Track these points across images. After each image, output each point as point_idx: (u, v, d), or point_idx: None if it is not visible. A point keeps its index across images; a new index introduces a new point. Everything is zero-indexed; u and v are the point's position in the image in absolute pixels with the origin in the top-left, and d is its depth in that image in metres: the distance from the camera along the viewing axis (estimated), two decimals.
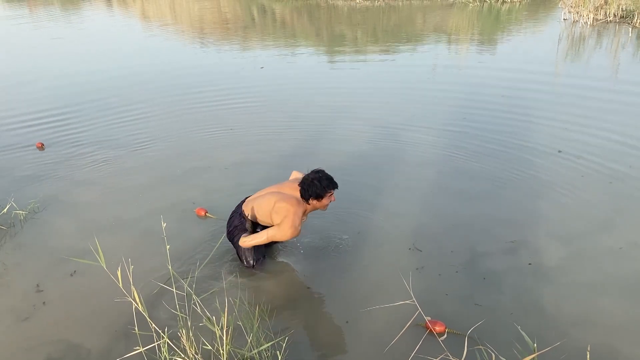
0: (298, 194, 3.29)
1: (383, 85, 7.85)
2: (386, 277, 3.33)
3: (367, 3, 15.52)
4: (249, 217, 3.44)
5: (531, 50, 10.00)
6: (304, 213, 3.32)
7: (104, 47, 11.79)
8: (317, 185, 3.21)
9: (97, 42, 12.49)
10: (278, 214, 3.25)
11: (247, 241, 3.36)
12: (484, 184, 4.54)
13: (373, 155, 5.26)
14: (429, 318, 2.79)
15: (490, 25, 12.93)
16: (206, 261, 3.34)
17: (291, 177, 3.59)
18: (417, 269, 3.39)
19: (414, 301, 2.44)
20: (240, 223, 3.46)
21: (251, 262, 3.46)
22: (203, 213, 4.15)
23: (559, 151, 5.11)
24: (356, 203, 4.24)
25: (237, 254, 3.52)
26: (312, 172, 3.29)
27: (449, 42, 11.31)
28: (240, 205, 3.53)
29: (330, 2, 15.95)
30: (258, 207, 3.38)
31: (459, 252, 3.57)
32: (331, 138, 5.75)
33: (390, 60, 9.80)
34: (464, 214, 4.07)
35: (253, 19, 15.41)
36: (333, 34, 12.78)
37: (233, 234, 3.47)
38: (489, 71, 8.46)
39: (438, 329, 2.80)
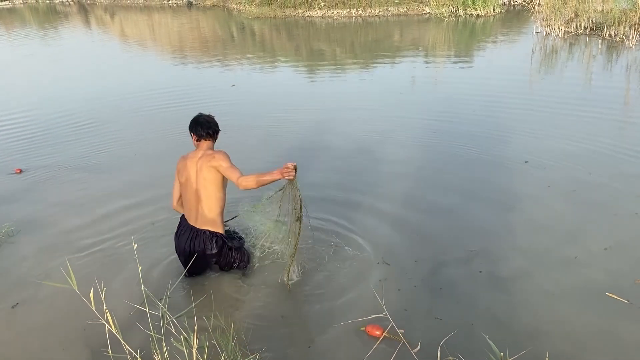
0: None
1: (359, 100, 7.95)
2: (355, 292, 3.38)
3: (345, 19, 15.71)
4: (211, 223, 3.46)
5: (506, 63, 10.21)
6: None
7: (82, 66, 11.75)
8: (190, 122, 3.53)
9: (73, 62, 12.45)
10: (218, 165, 3.35)
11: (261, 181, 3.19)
12: (452, 196, 4.63)
13: (344, 169, 5.32)
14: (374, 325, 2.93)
15: (466, 39, 13.17)
16: (179, 280, 3.34)
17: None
18: (380, 280, 3.44)
19: (386, 314, 2.48)
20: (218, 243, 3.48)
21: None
22: None
23: (526, 162, 5.22)
24: (330, 217, 4.29)
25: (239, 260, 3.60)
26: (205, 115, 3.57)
27: (426, 56, 11.49)
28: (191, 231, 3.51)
29: (308, 19, 16.12)
30: (207, 197, 3.41)
31: (422, 264, 3.65)
32: (303, 152, 5.80)
33: (368, 74, 9.93)
34: (433, 226, 4.15)
35: (232, 37, 15.49)
36: (312, 50, 12.91)
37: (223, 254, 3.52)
38: (464, 84, 8.61)
39: (377, 332, 2.92)
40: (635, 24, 10.40)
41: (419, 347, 2.81)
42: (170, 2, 21.67)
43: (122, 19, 20.68)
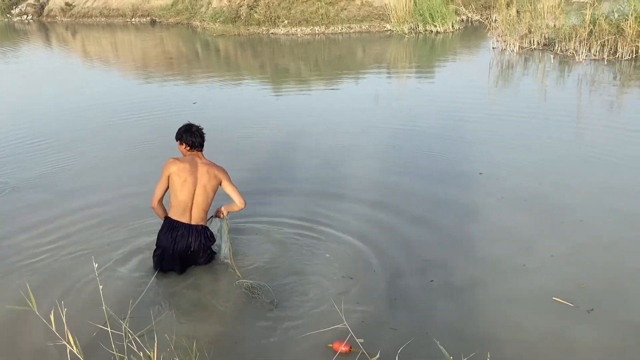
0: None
1: (324, 115, 8.10)
2: (317, 306, 3.48)
3: (308, 37, 15.94)
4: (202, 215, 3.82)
5: (465, 77, 10.54)
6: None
7: (41, 84, 11.58)
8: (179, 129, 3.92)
9: (33, 79, 12.26)
10: (224, 178, 3.84)
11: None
12: (409, 209, 4.79)
13: (307, 184, 5.43)
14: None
15: (427, 55, 13.54)
16: (141, 297, 3.36)
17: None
18: (339, 294, 3.54)
19: (345, 324, 2.57)
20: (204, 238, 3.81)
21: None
22: None
23: (480, 173, 5.44)
24: (292, 232, 4.38)
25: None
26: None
27: (389, 71, 11.77)
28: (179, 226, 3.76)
29: (273, 36, 16.29)
30: (204, 200, 3.79)
31: (381, 276, 3.77)
32: (268, 167, 5.89)
33: (333, 90, 10.11)
34: (391, 238, 4.30)
35: (197, 54, 15.52)
36: (277, 67, 13.05)
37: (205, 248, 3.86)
38: (425, 98, 8.87)
39: (344, 349, 3.00)
40: (584, 40, 10.90)
41: (378, 356, 2.90)
42: (133, 20, 21.54)
43: (84, 36, 20.45)
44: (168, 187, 3.79)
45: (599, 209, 4.59)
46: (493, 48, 12.51)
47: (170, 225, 3.78)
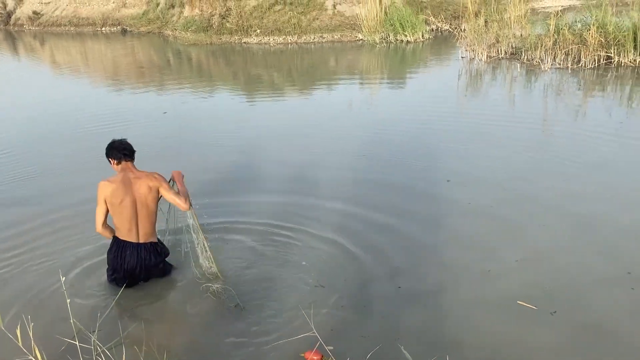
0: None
1: (297, 125, 8.15)
2: (288, 315, 3.51)
3: (281, 46, 16.01)
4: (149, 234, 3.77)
5: (435, 85, 10.73)
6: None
7: (5, 94, 11.38)
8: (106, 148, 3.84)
9: None
10: (160, 185, 3.72)
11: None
12: (379, 216, 4.88)
13: (279, 193, 5.47)
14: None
15: (398, 64, 13.74)
16: (108, 310, 3.36)
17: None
18: (310, 302, 3.58)
19: (314, 333, 2.62)
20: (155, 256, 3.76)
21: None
22: None
23: (448, 180, 5.55)
24: (263, 242, 4.41)
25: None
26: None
27: (361, 80, 11.90)
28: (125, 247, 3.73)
29: (245, 45, 16.31)
30: (147, 214, 3.73)
31: (350, 283, 3.83)
32: (240, 177, 5.91)
33: (306, 99, 10.18)
34: (361, 245, 4.36)
35: (169, 63, 15.44)
36: (250, 76, 13.07)
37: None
38: (397, 106, 9.00)
39: (315, 358, 3.02)
40: (549, 49, 11.21)
41: None
42: (103, 29, 21.29)
43: (53, 46, 20.14)
44: (108, 210, 3.72)
45: (560, 214, 4.74)
46: (462, 57, 12.76)
47: (118, 245, 3.76)
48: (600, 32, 10.62)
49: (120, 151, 3.75)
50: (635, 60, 10.56)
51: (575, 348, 3.15)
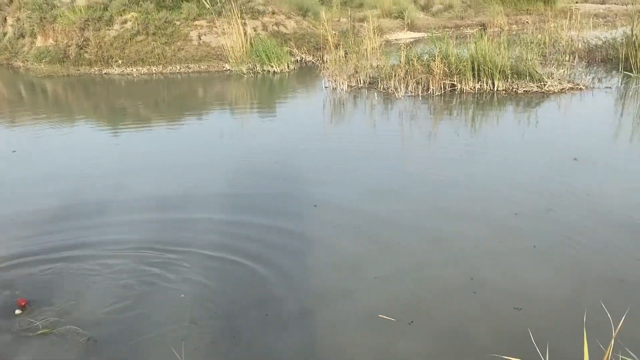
0: None
1: (166, 158, 8.01)
2: (156, 354, 3.47)
3: (145, 77, 15.62)
4: None
5: (301, 114, 11.17)
6: None
7: None
8: None
9: None
10: None
11: None
12: (246, 246, 4.97)
13: (147, 231, 5.36)
14: None
15: (265, 94, 14.07)
16: None
17: None
18: (182, 340, 3.57)
19: None
20: None
21: None
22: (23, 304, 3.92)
23: (315, 205, 5.84)
24: (131, 277, 4.30)
25: None
26: None
27: (232, 110, 12.00)
28: None
29: (106, 76, 15.66)
30: None
31: (220, 317, 3.88)
32: (103, 217, 5.69)
33: (175, 130, 10.02)
34: (230, 277, 4.45)
35: (21, 97, 14.32)
36: (113, 108, 12.57)
37: None
38: (265, 135, 9.22)
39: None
40: (402, 78, 12.24)
41: None
42: None
43: None
44: None
45: (415, 231, 5.20)
46: (325, 87, 13.43)
47: None
48: (444, 62, 11.84)
49: None
50: (474, 87, 11.90)
51: (434, 353, 3.49)
